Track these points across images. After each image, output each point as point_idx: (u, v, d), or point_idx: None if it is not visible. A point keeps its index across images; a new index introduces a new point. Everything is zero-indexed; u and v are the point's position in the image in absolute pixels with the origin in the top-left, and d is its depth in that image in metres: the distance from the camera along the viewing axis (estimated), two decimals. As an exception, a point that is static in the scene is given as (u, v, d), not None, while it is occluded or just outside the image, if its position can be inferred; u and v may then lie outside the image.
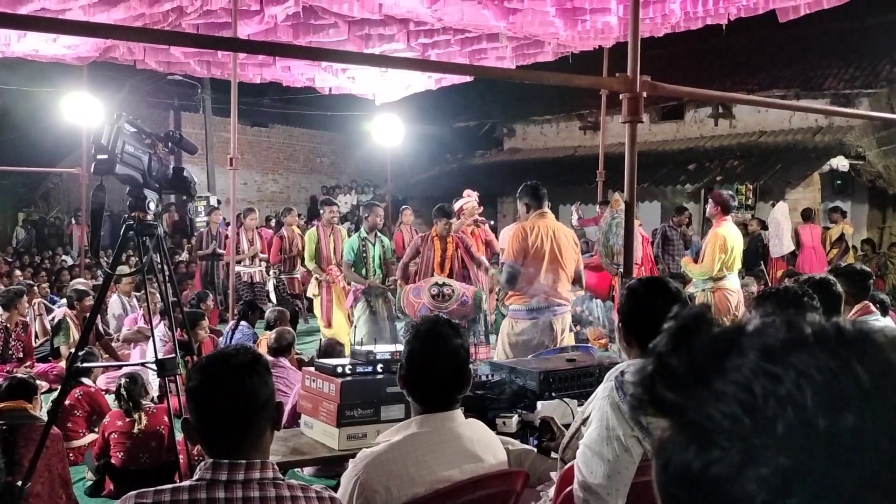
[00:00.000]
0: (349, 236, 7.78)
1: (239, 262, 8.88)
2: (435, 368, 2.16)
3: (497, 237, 8.17)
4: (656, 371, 0.55)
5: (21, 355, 7.20)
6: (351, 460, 2.14)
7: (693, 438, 0.51)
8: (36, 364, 7.27)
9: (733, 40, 14.54)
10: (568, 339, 5.21)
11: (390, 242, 7.64)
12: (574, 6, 6.68)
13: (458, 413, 2.20)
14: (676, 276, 7.54)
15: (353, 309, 7.38)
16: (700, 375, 0.52)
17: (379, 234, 7.36)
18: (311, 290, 8.52)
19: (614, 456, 2.19)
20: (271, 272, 9.61)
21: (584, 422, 2.42)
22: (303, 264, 8.95)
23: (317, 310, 8.21)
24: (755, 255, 11.12)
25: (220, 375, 1.70)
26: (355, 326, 7.17)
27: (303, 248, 8.91)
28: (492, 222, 9.05)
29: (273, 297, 9.36)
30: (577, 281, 5.31)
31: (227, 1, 6.85)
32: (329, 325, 7.89)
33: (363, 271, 7.05)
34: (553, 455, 2.66)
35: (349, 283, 7.49)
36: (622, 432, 2.20)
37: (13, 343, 7.19)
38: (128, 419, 4.64)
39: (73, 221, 12.27)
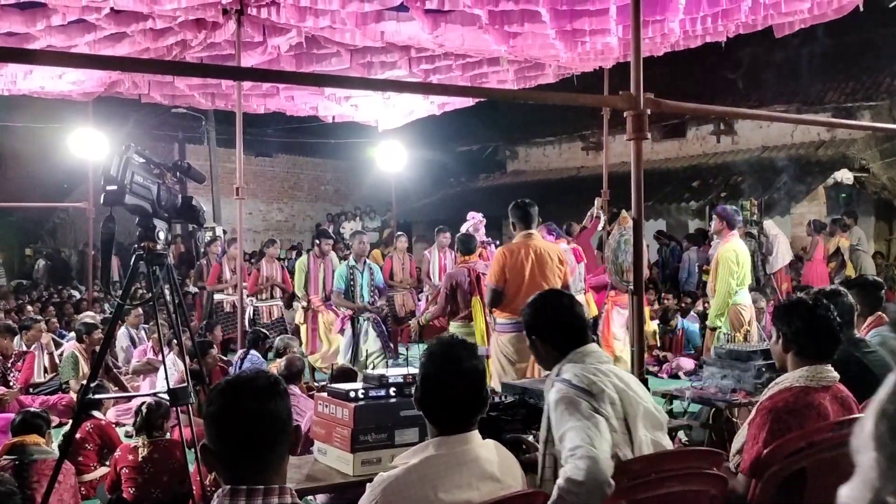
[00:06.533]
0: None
1: (221, 291, 9.39)
2: (451, 391, 2.14)
3: None
4: None
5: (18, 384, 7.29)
6: (368, 484, 2.11)
7: None
8: (40, 396, 7.25)
9: (733, 57, 14.61)
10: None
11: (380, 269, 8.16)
12: (574, 28, 6.70)
13: (476, 434, 2.17)
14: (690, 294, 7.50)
15: (340, 334, 7.82)
16: None
17: (367, 261, 7.84)
18: (298, 317, 8.67)
19: (589, 417, 2.34)
20: (249, 300, 9.69)
21: (546, 441, 2.50)
22: (283, 295, 9.48)
23: (303, 336, 8.33)
24: (752, 269, 10.99)
25: (241, 399, 1.69)
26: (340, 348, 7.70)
27: (282, 279, 9.35)
28: (497, 243, 9.03)
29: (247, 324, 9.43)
30: None
31: (230, 33, 6.92)
32: (313, 353, 8.22)
33: (352, 297, 7.56)
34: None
35: (340, 310, 7.84)
36: (585, 405, 2.37)
37: (12, 374, 7.29)
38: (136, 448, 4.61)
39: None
